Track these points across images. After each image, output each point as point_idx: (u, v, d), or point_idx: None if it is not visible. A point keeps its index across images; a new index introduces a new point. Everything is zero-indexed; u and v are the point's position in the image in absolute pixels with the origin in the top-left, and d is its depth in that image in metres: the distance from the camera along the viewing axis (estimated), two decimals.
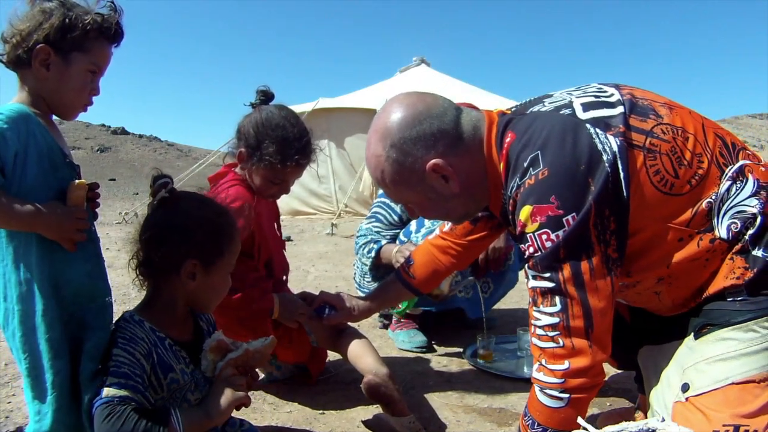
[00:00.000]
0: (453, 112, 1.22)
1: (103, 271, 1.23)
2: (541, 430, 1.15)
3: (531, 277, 1.14)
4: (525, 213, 1.09)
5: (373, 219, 2.31)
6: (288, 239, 5.72)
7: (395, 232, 2.27)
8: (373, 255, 2.21)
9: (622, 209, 1.06)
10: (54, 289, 1.10)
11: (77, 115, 1.22)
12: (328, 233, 6.32)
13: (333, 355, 2.16)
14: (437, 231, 1.72)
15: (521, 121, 1.18)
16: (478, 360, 2.09)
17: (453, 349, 2.28)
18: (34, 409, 1.09)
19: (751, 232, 1.08)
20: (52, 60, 1.12)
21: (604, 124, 1.09)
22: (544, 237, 1.07)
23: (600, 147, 1.06)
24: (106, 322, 1.18)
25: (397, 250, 2.09)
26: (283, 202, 8.30)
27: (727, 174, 1.11)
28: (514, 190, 1.12)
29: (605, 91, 1.17)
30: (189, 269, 1.15)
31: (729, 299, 1.10)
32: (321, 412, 1.70)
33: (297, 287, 2.03)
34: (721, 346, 1.08)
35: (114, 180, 18.30)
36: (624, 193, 1.06)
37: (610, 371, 2.04)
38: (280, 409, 1.74)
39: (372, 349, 1.69)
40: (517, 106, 1.30)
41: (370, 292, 1.85)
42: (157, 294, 1.20)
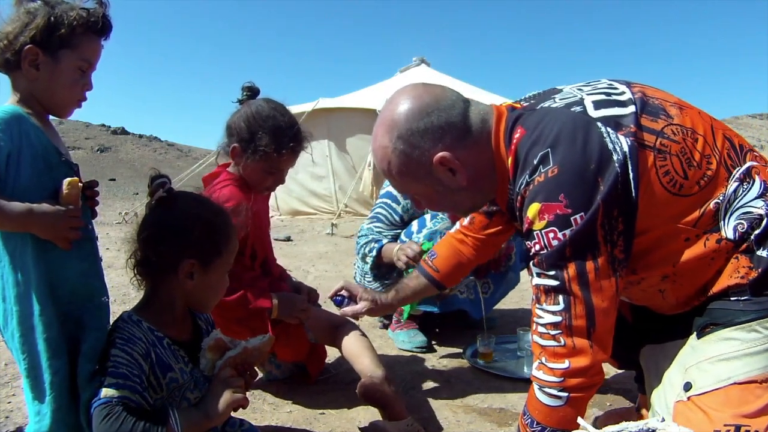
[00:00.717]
0: (461, 105, 1.21)
1: (100, 270, 1.23)
2: (540, 429, 1.15)
3: (535, 274, 1.14)
4: (533, 210, 1.08)
5: (374, 219, 2.31)
6: (288, 239, 5.71)
7: (396, 232, 2.27)
8: (374, 254, 2.21)
9: (631, 210, 1.06)
10: (50, 288, 1.09)
11: (72, 112, 1.21)
12: (328, 233, 6.32)
13: (333, 355, 2.16)
14: (457, 226, 1.72)
15: (531, 116, 1.17)
16: (478, 360, 2.09)
17: (453, 349, 2.28)
18: (33, 409, 1.09)
19: (756, 232, 1.08)
20: (41, 60, 1.12)
21: (615, 123, 1.08)
22: (551, 235, 1.07)
23: (611, 146, 1.05)
24: (102, 322, 1.18)
25: (398, 249, 2.09)
26: (283, 202, 8.31)
27: (734, 175, 1.10)
28: (523, 186, 1.11)
29: (616, 89, 1.17)
30: (187, 269, 1.15)
31: (732, 299, 1.10)
32: (321, 412, 1.70)
33: None
34: (724, 345, 1.08)
35: (114, 180, 18.30)
36: (633, 194, 1.05)
37: (610, 371, 2.04)
38: (280, 409, 1.73)
39: (370, 348, 1.68)
40: (525, 99, 1.29)
41: (391, 285, 1.81)
42: (155, 294, 1.20)
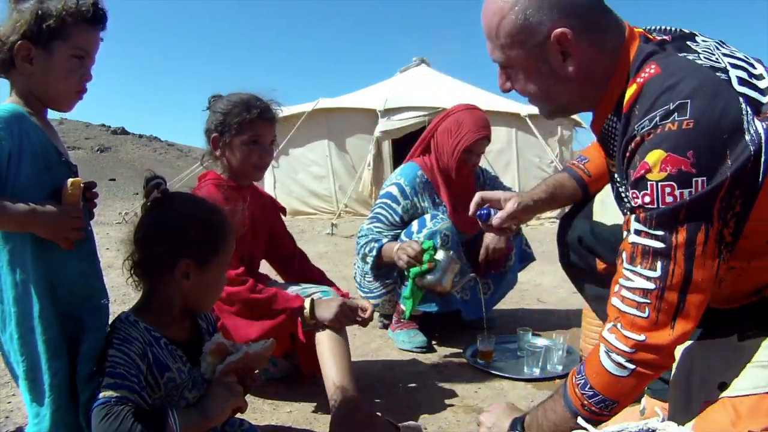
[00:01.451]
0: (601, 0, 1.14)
1: (99, 271, 1.22)
2: (591, 393, 1.08)
3: (634, 231, 1.05)
4: (654, 157, 1.00)
5: (374, 219, 2.31)
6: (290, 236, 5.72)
7: (396, 232, 2.27)
8: (374, 254, 2.21)
9: (752, 194, 1.00)
10: (49, 289, 1.09)
11: (73, 105, 1.20)
12: (328, 233, 6.31)
13: None
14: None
15: (670, 59, 1.09)
16: (478, 360, 2.09)
17: (453, 349, 2.28)
18: (33, 411, 1.08)
19: None
20: (33, 54, 1.11)
21: (755, 106, 1.03)
22: (667, 190, 0.99)
23: (745, 125, 1.00)
24: (102, 323, 1.18)
25: (398, 248, 2.08)
26: (284, 202, 8.26)
27: None
28: (648, 128, 1.02)
29: (754, 68, 1.10)
30: (183, 269, 1.14)
31: None
32: (321, 412, 1.70)
33: None
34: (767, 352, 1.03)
35: (114, 180, 18.30)
36: (759, 179, 1.00)
37: None
38: (280, 409, 1.74)
39: (341, 354, 1.60)
40: (657, 31, 1.19)
41: (539, 185, 1.65)
42: (153, 294, 1.20)
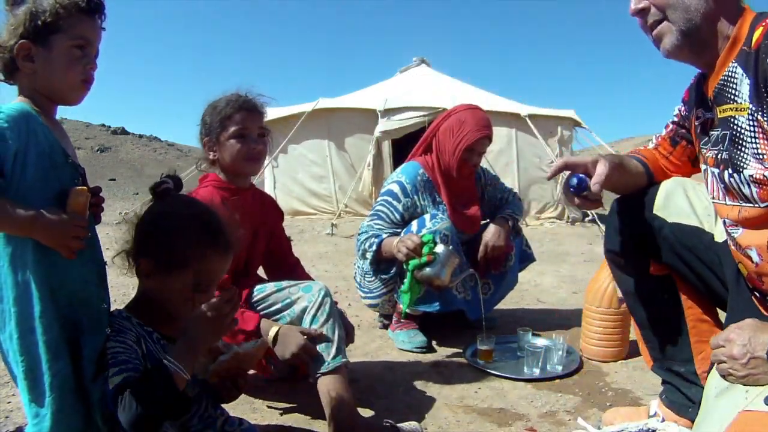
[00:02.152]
0: None
1: (102, 276, 1.22)
2: None
3: None
4: None
5: (375, 216, 2.31)
6: (288, 239, 5.72)
7: (396, 230, 2.27)
8: (374, 249, 2.20)
9: None
10: (50, 291, 1.08)
11: (81, 96, 1.19)
12: (328, 233, 6.31)
13: None
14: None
15: None
16: (478, 360, 2.08)
17: (453, 349, 2.28)
18: (32, 411, 1.08)
19: None
20: (33, 52, 1.11)
21: None
22: None
23: None
24: (102, 327, 1.17)
25: (398, 241, 2.08)
26: (284, 202, 8.28)
27: None
28: None
29: None
30: (143, 266, 1.16)
31: None
32: (321, 412, 1.70)
33: None
34: None
35: (114, 180, 18.27)
36: None
37: (611, 371, 2.04)
38: (280, 409, 1.73)
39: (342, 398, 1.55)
40: None
41: (612, 156, 1.48)
42: (141, 291, 1.21)
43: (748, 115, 1.14)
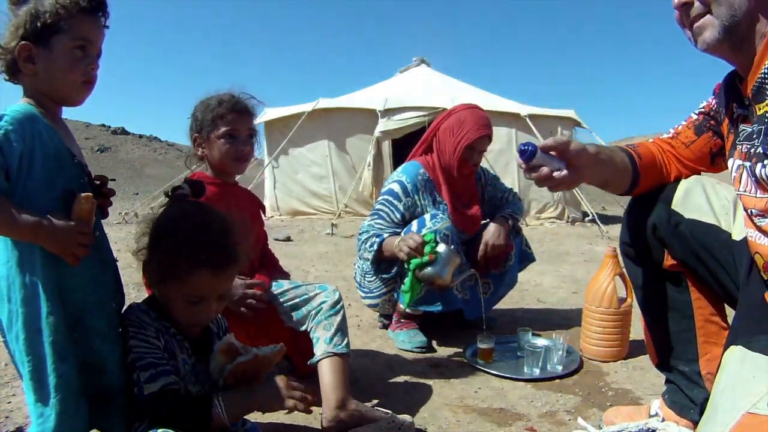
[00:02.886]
0: None
1: (111, 276, 1.22)
2: None
3: None
4: None
5: (375, 216, 2.31)
6: (288, 239, 5.71)
7: (397, 230, 2.27)
8: (375, 248, 2.20)
9: None
10: (59, 293, 1.08)
11: (83, 97, 1.18)
12: (328, 233, 6.31)
13: None
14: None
15: None
16: (478, 360, 2.08)
17: (453, 349, 2.28)
18: (36, 411, 1.07)
19: None
20: (35, 53, 1.11)
21: None
22: None
23: None
24: (116, 329, 1.19)
25: (400, 240, 2.07)
26: (283, 202, 8.29)
27: None
28: None
29: None
30: (146, 269, 1.19)
31: None
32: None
33: None
34: None
35: (114, 180, 18.27)
36: None
37: (611, 371, 2.05)
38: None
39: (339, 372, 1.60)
40: None
41: (598, 145, 1.48)
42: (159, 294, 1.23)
43: None
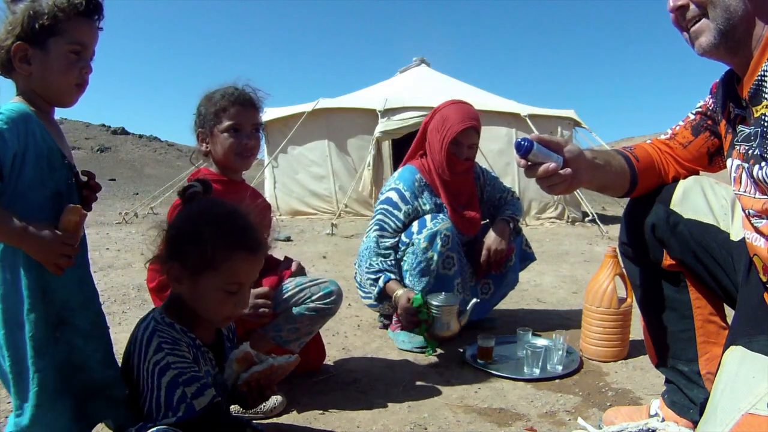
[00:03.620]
0: None
1: (91, 277, 1.24)
2: None
3: None
4: None
5: (377, 228, 2.27)
6: (288, 239, 5.71)
7: (399, 236, 2.27)
8: (378, 290, 2.18)
9: None
10: (42, 291, 1.09)
11: (75, 99, 1.19)
12: (328, 233, 6.31)
13: (333, 355, 2.16)
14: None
15: None
16: (478, 360, 2.08)
17: (453, 349, 2.28)
18: (16, 404, 1.09)
19: None
20: (30, 54, 1.11)
21: None
22: None
23: None
24: (103, 328, 1.21)
25: (400, 310, 2.05)
26: (283, 202, 8.29)
27: None
28: None
29: None
30: (173, 271, 1.16)
31: None
32: (321, 412, 1.70)
33: None
34: None
35: (114, 180, 18.26)
36: None
37: (611, 371, 2.05)
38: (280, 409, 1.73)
39: None
40: None
41: (595, 150, 1.48)
42: (174, 295, 1.22)
43: None
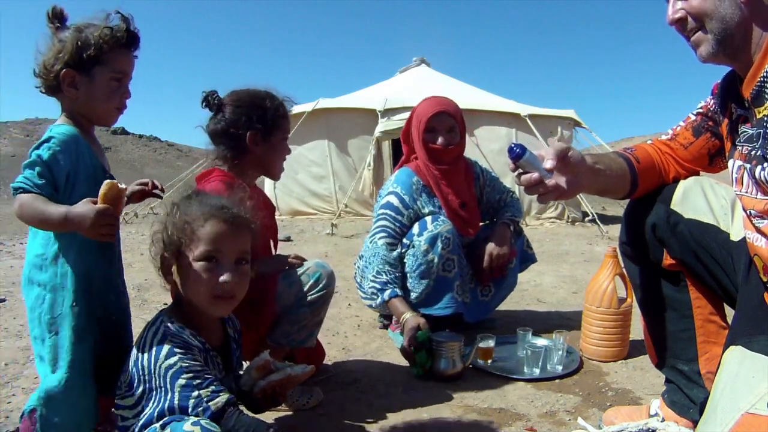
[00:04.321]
0: None
1: (122, 269, 1.39)
2: None
3: None
4: None
5: (381, 232, 2.26)
6: (288, 239, 5.72)
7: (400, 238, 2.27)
8: (381, 303, 2.16)
9: None
10: (87, 283, 1.22)
11: (115, 120, 1.35)
12: (328, 233, 6.31)
13: (333, 355, 2.16)
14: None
15: None
16: (478, 360, 2.09)
17: None
18: (45, 384, 1.20)
19: None
20: (77, 80, 1.26)
21: None
22: None
23: None
24: (129, 317, 1.39)
25: (410, 318, 2.03)
26: (283, 202, 8.29)
27: None
28: None
29: None
30: (167, 262, 1.18)
31: None
32: (321, 412, 1.70)
33: None
34: None
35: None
36: None
37: (611, 371, 2.04)
38: (282, 411, 1.73)
39: None
40: None
41: (595, 155, 1.46)
42: (177, 298, 1.22)
43: None
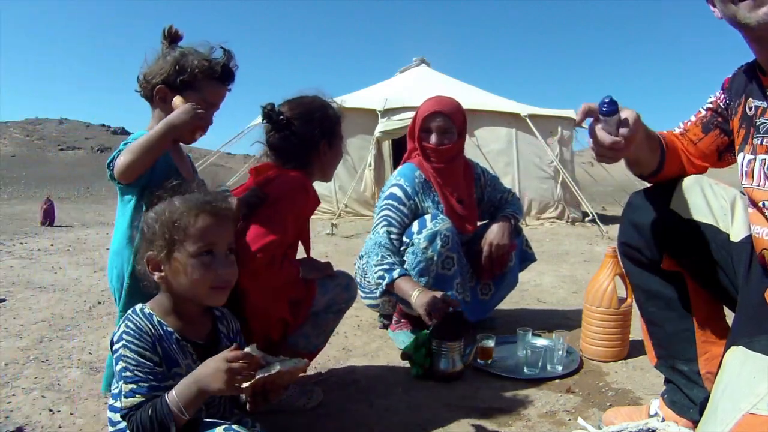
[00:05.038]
0: None
1: None
2: None
3: None
4: None
5: (386, 223, 2.26)
6: None
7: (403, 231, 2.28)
8: (384, 287, 2.13)
9: None
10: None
11: (196, 140, 1.46)
12: (328, 233, 6.31)
13: (333, 355, 2.16)
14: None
15: None
16: (478, 360, 2.09)
17: None
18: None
19: None
20: (169, 97, 1.42)
21: None
22: None
23: None
24: None
25: (421, 293, 2.00)
26: None
27: None
28: None
29: None
30: (150, 261, 1.18)
31: None
32: (321, 412, 1.70)
33: None
34: None
35: None
36: None
37: (611, 371, 2.05)
38: (282, 412, 1.73)
39: None
40: None
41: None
42: (160, 293, 1.22)
43: None
